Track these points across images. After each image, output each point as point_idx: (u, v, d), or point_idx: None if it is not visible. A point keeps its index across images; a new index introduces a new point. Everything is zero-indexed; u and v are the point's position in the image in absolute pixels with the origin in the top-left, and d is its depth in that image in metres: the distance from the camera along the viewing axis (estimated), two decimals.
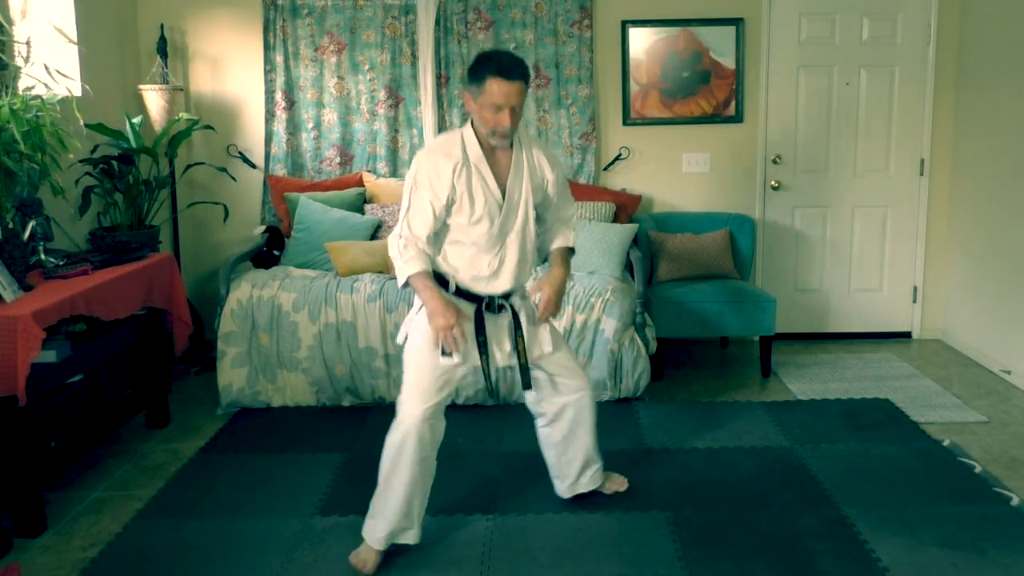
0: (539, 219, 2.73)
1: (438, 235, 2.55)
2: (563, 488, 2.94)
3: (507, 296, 2.61)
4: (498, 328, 2.61)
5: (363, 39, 4.63)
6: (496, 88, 2.39)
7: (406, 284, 2.48)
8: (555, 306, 2.63)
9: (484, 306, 2.58)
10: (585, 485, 2.93)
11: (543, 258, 2.81)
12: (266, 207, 4.73)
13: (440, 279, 2.55)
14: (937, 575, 2.47)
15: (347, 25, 4.62)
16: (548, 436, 2.87)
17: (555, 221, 2.74)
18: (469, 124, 2.54)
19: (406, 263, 2.44)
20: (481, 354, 2.56)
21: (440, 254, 2.57)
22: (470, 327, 2.56)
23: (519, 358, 2.61)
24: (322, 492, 3.05)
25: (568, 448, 2.85)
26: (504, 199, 2.53)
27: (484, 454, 3.33)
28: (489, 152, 2.53)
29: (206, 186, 4.73)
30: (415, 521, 2.60)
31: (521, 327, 2.61)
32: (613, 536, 2.72)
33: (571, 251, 2.75)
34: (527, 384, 2.64)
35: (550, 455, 2.91)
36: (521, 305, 2.66)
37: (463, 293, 2.57)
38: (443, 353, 2.49)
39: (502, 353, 2.62)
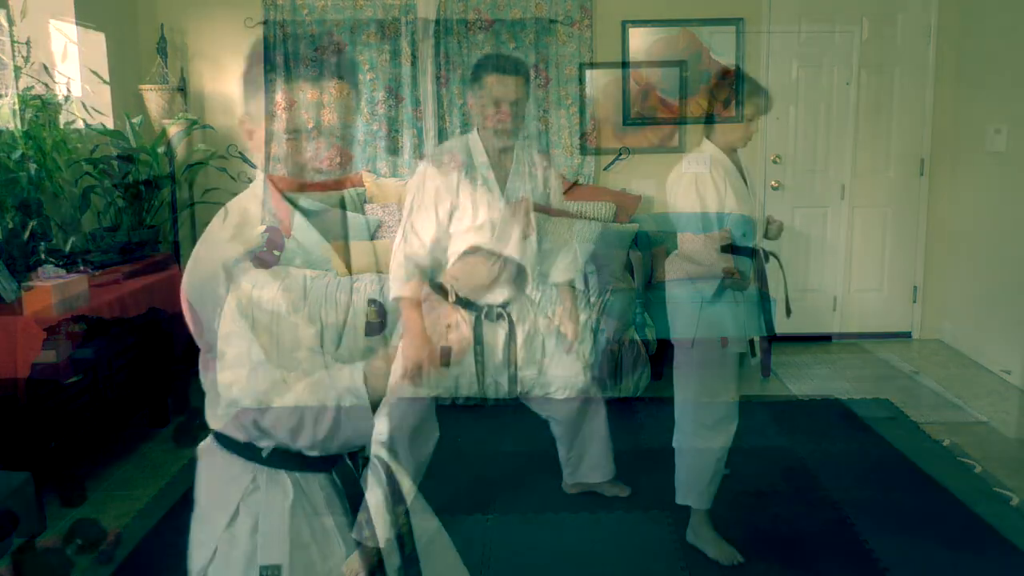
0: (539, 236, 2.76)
1: (439, 244, 2.57)
2: (567, 475, 2.95)
3: (505, 305, 2.62)
4: (495, 337, 2.62)
5: (363, 39, 4.63)
6: (493, 82, 2.42)
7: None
8: (576, 331, 2.71)
9: (483, 315, 2.59)
10: (584, 475, 2.92)
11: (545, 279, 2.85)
12: (266, 207, 4.71)
13: (440, 288, 2.58)
14: (937, 575, 2.47)
15: (347, 25, 4.61)
16: (559, 432, 2.88)
17: (554, 241, 2.76)
18: (475, 131, 2.57)
19: (397, 282, 2.47)
20: (477, 363, 2.58)
21: (440, 264, 2.60)
22: (468, 335, 2.56)
23: (508, 367, 2.63)
24: None
25: (576, 444, 2.87)
26: (505, 205, 2.55)
27: (484, 454, 3.33)
28: (495, 157, 2.54)
29: (206, 186, 4.72)
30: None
31: (515, 337, 2.62)
32: (613, 536, 2.72)
33: (574, 285, 2.81)
34: (512, 391, 2.66)
35: (561, 448, 2.93)
36: (519, 315, 2.66)
37: (463, 302, 2.59)
38: (441, 364, 2.51)
39: (496, 362, 2.64)
